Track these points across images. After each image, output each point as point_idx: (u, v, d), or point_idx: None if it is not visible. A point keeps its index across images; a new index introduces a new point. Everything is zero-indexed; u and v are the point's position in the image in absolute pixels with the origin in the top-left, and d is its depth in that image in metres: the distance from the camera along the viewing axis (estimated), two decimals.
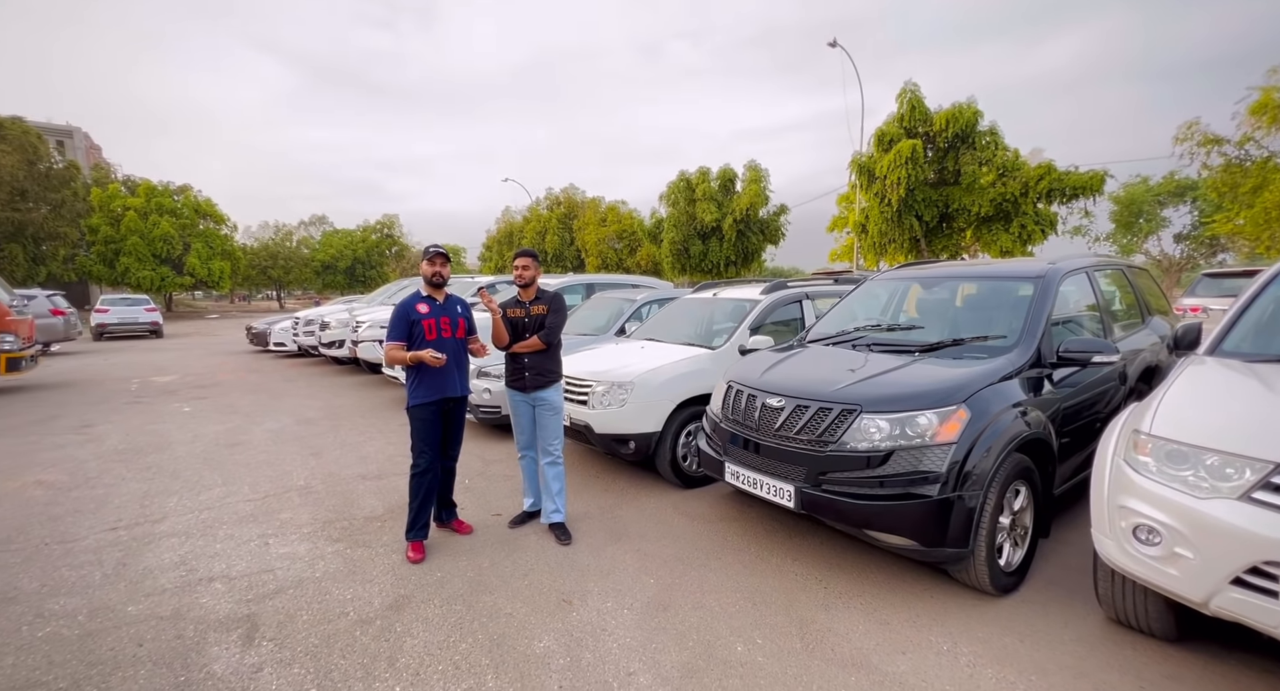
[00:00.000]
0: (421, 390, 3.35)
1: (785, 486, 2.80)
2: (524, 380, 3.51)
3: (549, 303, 3.52)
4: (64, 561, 3.22)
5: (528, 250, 3.57)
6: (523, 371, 3.51)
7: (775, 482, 2.86)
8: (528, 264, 3.51)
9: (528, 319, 3.51)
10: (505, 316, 3.53)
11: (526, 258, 3.53)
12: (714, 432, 3.45)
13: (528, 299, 3.55)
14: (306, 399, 8.10)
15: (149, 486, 4.52)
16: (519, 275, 3.52)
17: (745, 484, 3.05)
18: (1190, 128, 13.89)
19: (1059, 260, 3.47)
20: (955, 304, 3.74)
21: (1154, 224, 47.02)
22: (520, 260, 3.52)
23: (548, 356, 3.51)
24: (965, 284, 3.78)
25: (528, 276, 3.52)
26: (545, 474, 3.53)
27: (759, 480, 2.95)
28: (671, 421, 4.14)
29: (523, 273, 3.51)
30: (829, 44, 18.23)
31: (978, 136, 16.40)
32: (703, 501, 4.05)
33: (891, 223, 17.32)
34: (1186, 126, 13.92)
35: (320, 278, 46.43)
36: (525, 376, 3.50)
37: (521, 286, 3.54)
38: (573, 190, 33.99)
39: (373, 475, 4.79)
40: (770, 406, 2.99)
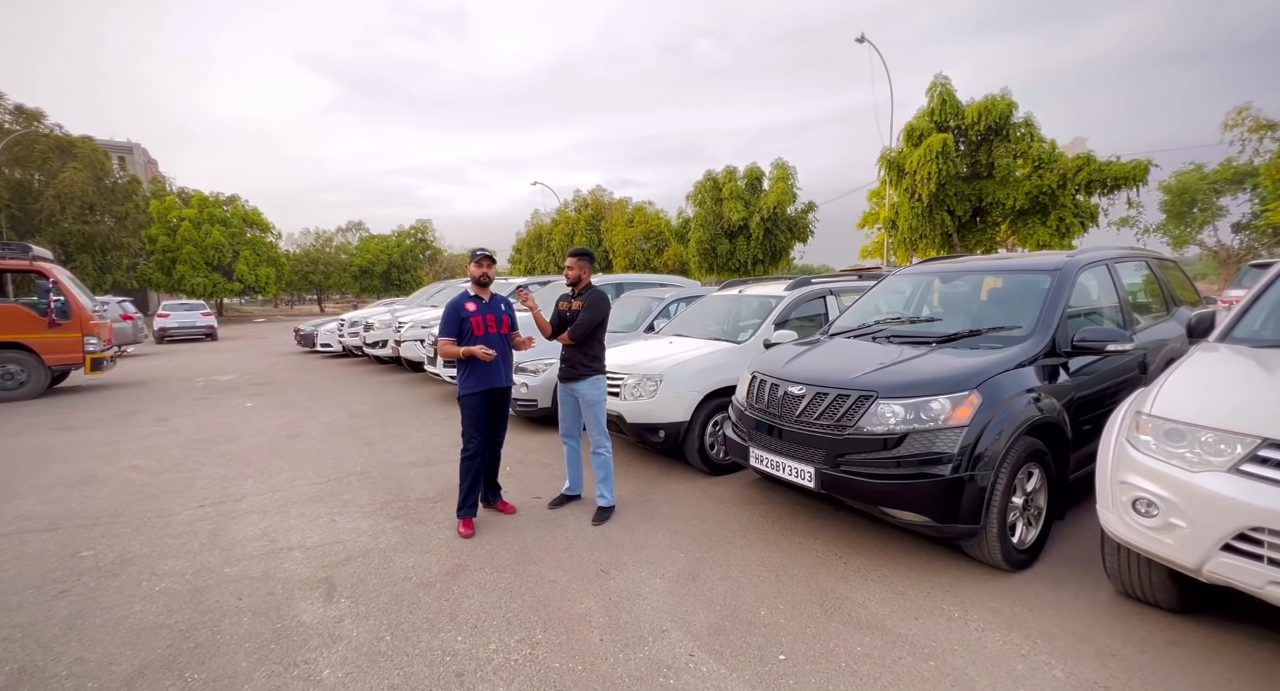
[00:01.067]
0: (471, 381, 3.68)
1: (806, 468, 3.01)
2: (563, 371, 3.80)
3: (586, 300, 3.78)
4: (165, 532, 3.66)
5: (577, 250, 3.79)
6: (563, 362, 3.81)
7: (797, 465, 3.07)
8: (572, 264, 3.77)
9: (569, 314, 3.79)
10: (556, 309, 3.85)
11: (572, 257, 3.77)
12: (739, 421, 3.68)
13: (575, 295, 3.83)
14: (355, 395, 8.62)
15: (226, 471, 4.99)
16: (566, 274, 3.80)
17: (769, 467, 3.26)
18: (1240, 113, 13.35)
19: (1079, 253, 3.57)
20: (976, 297, 3.86)
21: (1209, 213, 44.73)
22: (567, 260, 3.79)
23: (580, 350, 3.74)
24: (985, 277, 3.91)
25: (571, 276, 3.79)
26: (593, 462, 3.79)
27: (781, 463, 3.16)
28: (699, 411, 4.38)
29: (568, 272, 3.79)
30: (857, 39, 18.12)
31: (1012, 128, 16.07)
32: (729, 487, 4.27)
33: (922, 218, 17.11)
34: (1236, 112, 13.40)
35: (358, 282, 48.15)
36: (564, 367, 3.80)
37: (570, 284, 3.82)
38: (600, 192, 34.47)
39: (422, 462, 5.17)
40: (792, 394, 3.20)
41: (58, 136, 26.94)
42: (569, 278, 3.77)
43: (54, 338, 8.49)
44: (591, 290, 3.78)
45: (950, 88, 16.47)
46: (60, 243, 26.90)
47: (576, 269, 3.76)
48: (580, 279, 3.76)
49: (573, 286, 3.79)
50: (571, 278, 3.77)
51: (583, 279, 3.77)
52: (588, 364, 3.75)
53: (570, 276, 3.77)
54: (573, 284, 3.78)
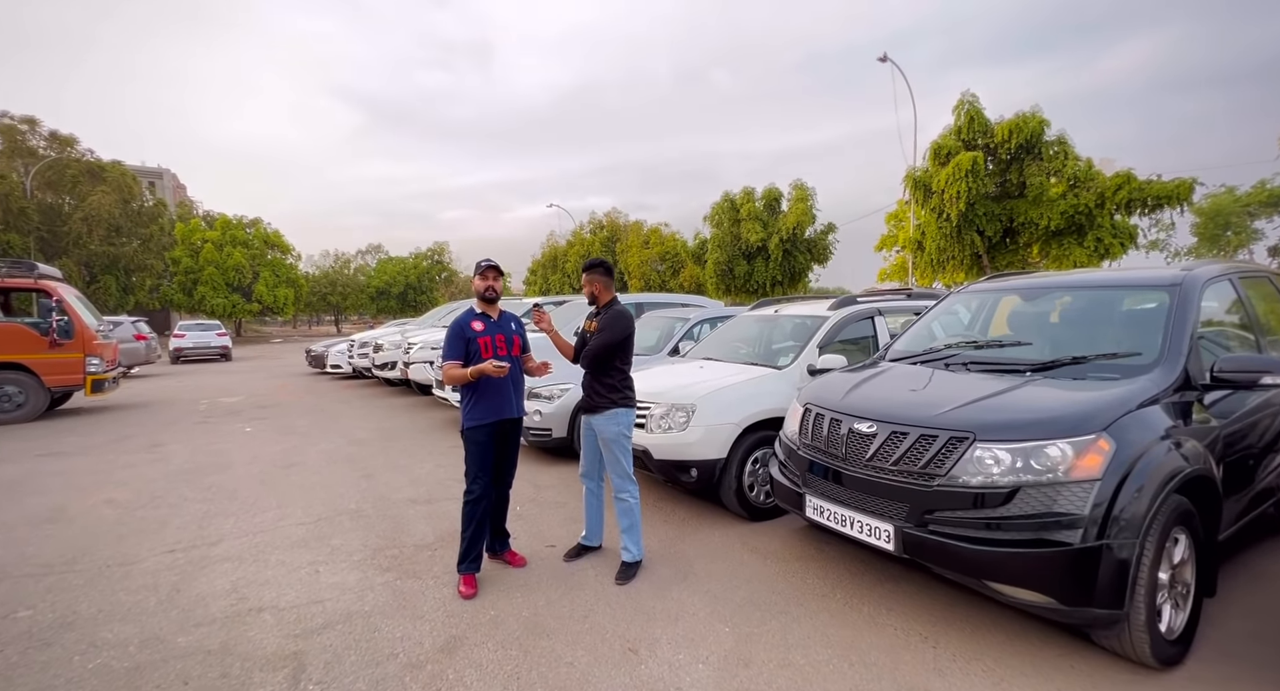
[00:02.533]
0: (477, 411, 3.18)
1: (882, 526, 2.44)
2: (586, 398, 3.30)
3: (602, 319, 3.26)
4: (122, 585, 3.17)
5: (593, 262, 3.31)
6: (583, 390, 3.31)
7: (869, 520, 2.50)
8: (590, 279, 3.29)
9: (590, 335, 3.30)
10: (581, 330, 3.38)
11: (586, 272, 3.31)
12: (789, 460, 3.12)
13: (596, 313, 3.33)
14: (360, 420, 8.17)
15: (208, 507, 4.51)
16: (587, 293, 3.32)
17: (830, 520, 2.70)
18: None
19: (1194, 266, 3.01)
20: (1070, 318, 3.30)
21: (1244, 236, 43.57)
22: (584, 276, 3.32)
23: (596, 378, 3.22)
24: (1074, 294, 3.34)
25: (587, 293, 3.32)
26: (617, 509, 3.25)
27: (848, 517, 2.60)
28: (737, 447, 3.83)
29: (590, 290, 3.30)
30: (879, 59, 17.87)
31: (1044, 146, 15.56)
32: (773, 536, 3.68)
33: (950, 238, 16.53)
34: None
35: (375, 303, 48.49)
36: (585, 397, 3.30)
37: (590, 302, 3.34)
38: (615, 214, 34.44)
39: (423, 499, 4.66)
40: (860, 432, 2.65)
41: (88, 161, 27.65)
42: (587, 295, 3.31)
43: (55, 358, 8.21)
44: (611, 308, 3.27)
45: (978, 105, 16.05)
46: (86, 264, 27.37)
47: (593, 284, 3.27)
48: (598, 296, 3.28)
49: (593, 303, 3.31)
50: (587, 295, 3.31)
51: (601, 296, 3.28)
52: (604, 394, 3.21)
53: (586, 293, 3.30)
54: (592, 301, 3.30)
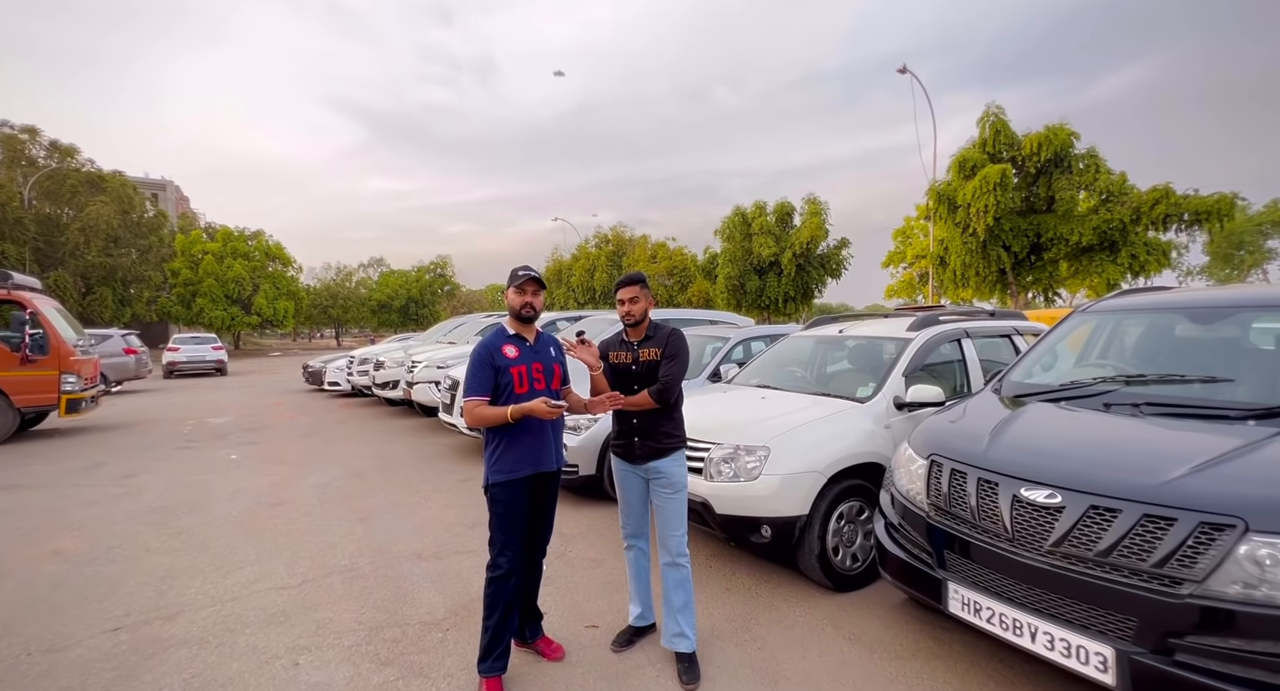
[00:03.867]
0: (507, 462, 2.47)
1: (1092, 646, 1.72)
2: (632, 446, 2.58)
3: (664, 344, 2.59)
4: (38, 684, 2.43)
5: (635, 276, 2.65)
6: (631, 435, 2.59)
7: (1066, 634, 1.78)
8: (635, 295, 2.59)
9: (635, 366, 2.60)
10: (607, 363, 2.67)
11: (633, 286, 2.60)
12: (911, 529, 2.40)
13: (636, 339, 2.65)
14: (357, 446, 7.44)
15: (173, 561, 3.78)
16: (626, 311, 2.61)
17: (994, 624, 1.97)
18: None
19: None
20: (1255, 344, 2.61)
21: (1258, 255, 43.13)
22: (625, 291, 2.60)
23: (664, 415, 2.58)
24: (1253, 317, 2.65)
25: (637, 312, 2.60)
26: (665, 579, 2.55)
27: (1025, 623, 1.87)
28: (820, 501, 3.10)
29: (630, 307, 2.59)
30: (899, 71, 17.45)
31: (1074, 159, 15.03)
32: (870, 617, 2.94)
33: (976, 254, 15.93)
34: None
35: (376, 316, 47.95)
36: (634, 441, 2.58)
37: (630, 325, 2.66)
38: (621, 228, 34.04)
39: (429, 553, 3.91)
40: (1033, 503, 1.94)
41: (88, 172, 27.26)
42: (634, 315, 2.59)
43: (26, 376, 7.52)
44: (664, 329, 2.66)
45: (1004, 118, 15.58)
46: (83, 275, 26.82)
47: (645, 300, 2.60)
48: (644, 316, 2.62)
49: (634, 325, 2.62)
50: (636, 314, 2.60)
51: (646, 316, 2.63)
52: (674, 432, 2.58)
53: (633, 313, 2.59)
54: (635, 323, 2.62)
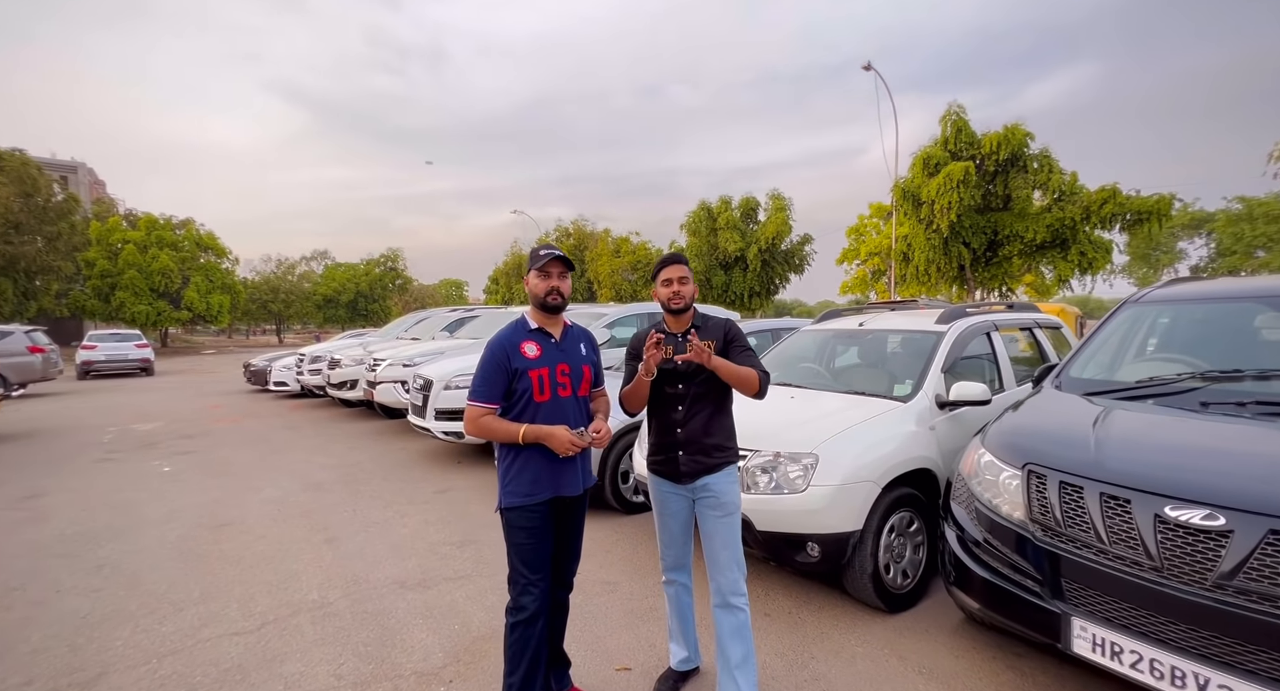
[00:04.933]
0: (523, 483, 2.01)
1: None
2: (676, 461, 2.15)
3: (724, 333, 2.18)
4: None
5: (679, 255, 2.23)
6: (674, 447, 2.15)
7: (1245, 687, 1.49)
8: (685, 274, 2.16)
9: (679, 362, 2.16)
10: (631, 358, 2.26)
11: (681, 264, 2.17)
12: (1008, 549, 2.09)
13: (680, 329, 2.21)
14: (314, 453, 6.69)
15: (93, 605, 3.10)
16: (674, 292, 2.14)
17: (1142, 671, 1.67)
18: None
19: None
20: None
21: (1171, 256, 46.74)
22: (672, 269, 2.15)
23: (717, 420, 2.17)
24: None
25: (688, 294, 2.15)
26: (717, 626, 2.11)
27: (1190, 672, 1.57)
28: (874, 513, 2.78)
29: (679, 288, 2.13)
30: (863, 67, 17.58)
31: (1029, 159, 15.52)
32: (932, 642, 2.64)
33: (938, 250, 16.27)
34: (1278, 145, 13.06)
35: (322, 312, 45.40)
36: (678, 455, 2.14)
37: (674, 311, 2.19)
38: (582, 221, 33.34)
39: (414, 581, 3.38)
40: (1184, 525, 1.65)
41: None
42: (684, 298, 2.14)
43: None
44: (714, 317, 2.28)
45: (965, 117, 15.92)
46: None
47: (690, 282, 2.17)
48: (692, 301, 2.19)
49: (680, 311, 2.17)
50: (687, 296, 2.15)
51: (694, 302, 2.22)
52: (725, 442, 2.17)
53: (683, 295, 2.14)
54: (682, 308, 2.17)
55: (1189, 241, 46.98)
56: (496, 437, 2.01)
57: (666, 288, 2.16)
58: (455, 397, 5.60)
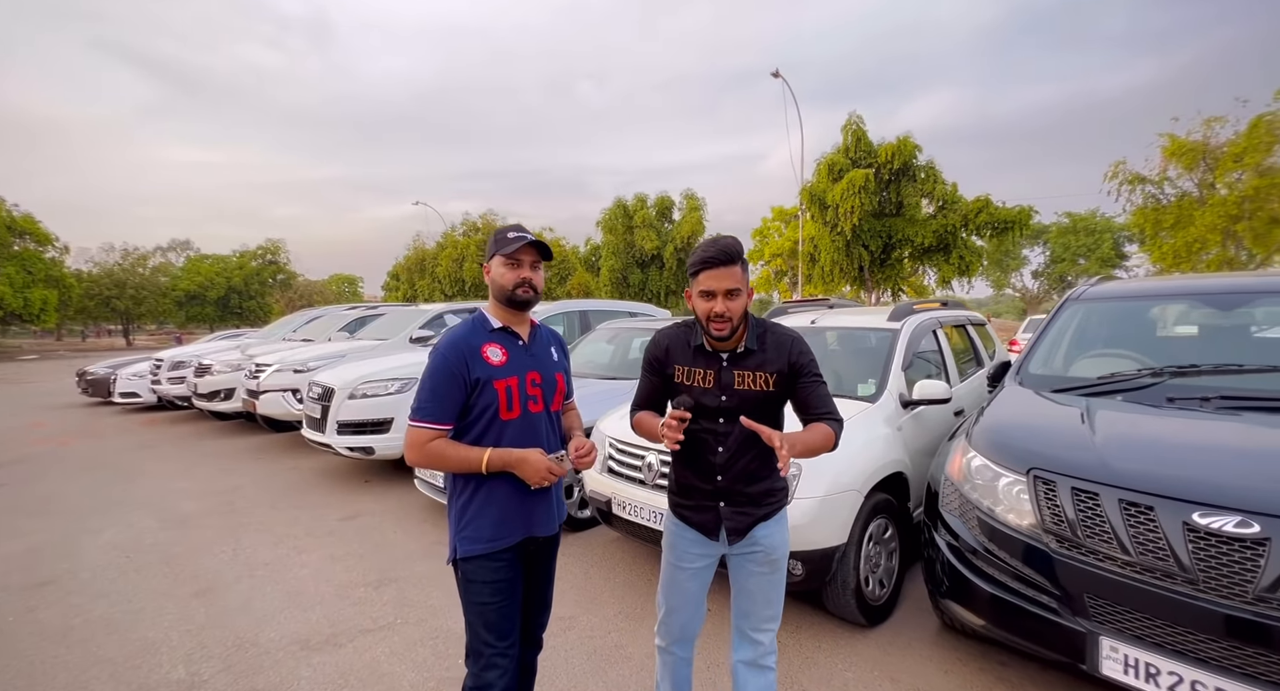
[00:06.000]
0: (485, 525, 1.57)
1: None
2: (715, 513, 1.64)
3: (778, 362, 1.59)
4: None
5: (731, 247, 1.53)
6: (711, 497, 1.64)
7: None
8: (736, 285, 1.52)
9: (726, 397, 1.59)
10: (668, 379, 1.68)
11: (733, 266, 1.52)
12: (1018, 562, 1.96)
13: (726, 350, 1.62)
14: (176, 479, 5.55)
15: None
16: (718, 312, 1.52)
17: None
18: (1117, 167, 15.09)
19: None
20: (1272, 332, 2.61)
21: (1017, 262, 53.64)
22: (716, 274, 1.51)
23: (768, 460, 1.61)
24: None
25: (736, 314, 1.53)
26: (744, 687, 1.72)
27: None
28: (858, 524, 2.61)
29: (727, 305, 1.51)
30: (772, 74, 18.19)
31: (917, 170, 16.86)
32: (918, 658, 2.51)
33: (842, 252, 17.24)
34: (1114, 166, 15.12)
35: (184, 310, 39.86)
36: (718, 508, 1.63)
37: (716, 317, 1.53)
38: (492, 216, 31.90)
39: (321, 638, 2.75)
40: (1216, 533, 1.58)
41: None
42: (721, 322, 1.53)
43: None
44: (774, 332, 1.65)
45: (863, 127, 16.97)
46: None
47: (742, 293, 1.55)
48: (742, 320, 1.59)
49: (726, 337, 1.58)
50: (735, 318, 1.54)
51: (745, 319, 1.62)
52: (775, 485, 1.67)
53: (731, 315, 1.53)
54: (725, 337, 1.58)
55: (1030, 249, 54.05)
56: (449, 467, 1.55)
57: (706, 301, 1.52)
58: (361, 408, 4.86)
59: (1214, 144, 14.54)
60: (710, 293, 1.52)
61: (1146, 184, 14.92)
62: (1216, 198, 14.27)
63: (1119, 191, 15.38)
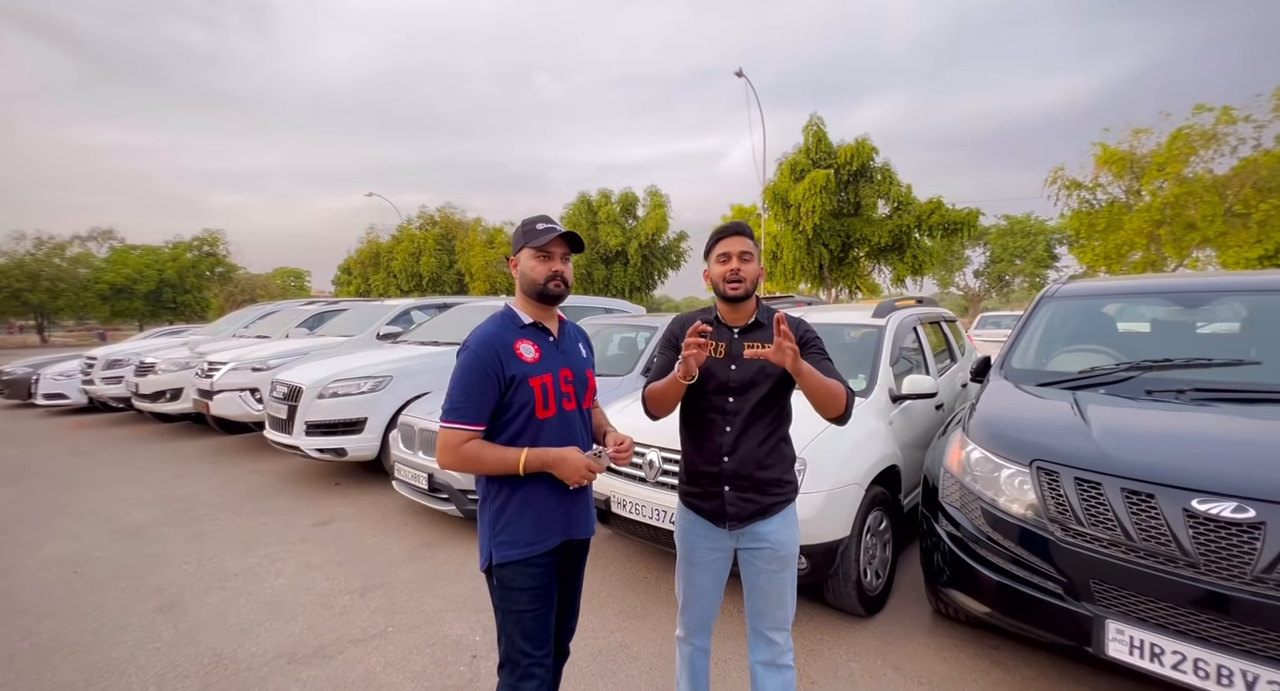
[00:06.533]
0: (523, 528, 1.52)
1: None
2: (720, 498, 1.66)
3: (796, 326, 1.62)
4: None
5: (742, 225, 1.67)
6: (717, 481, 1.66)
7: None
8: (748, 248, 1.63)
9: (735, 366, 1.63)
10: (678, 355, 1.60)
11: (743, 236, 1.64)
12: (1023, 550, 2.05)
13: (738, 323, 1.70)
14: (122, 486, 5.15)
15: None
16: (731, 270, 1.61)
17: (1185, 672, 1.67)
18: (1057, 173, 16.02)
19: None
20: (1229, 328, 2.81)
21: (960, 262, 56.41)
22: (732, 242, 1.62)
23: (777, 446, 1.68)
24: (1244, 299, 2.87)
25: (750, 277, 1.63)
26: (762, 687, 1.73)
27: (1239, 670, 1.60)
28: (861, 517, 2.67)
29: (741, 266, 1.61)
30: (735, 74, 18.39)
31: (874, 171, 17.41)
32: (917, 646, 2.59)
33: (803, 250, 17.63)
34: (1054, 171, 16.05)
35: (108, 304, 37.00)
36: (723, 492, 1.65)
37: (731, 298, 1.65)
38: (450, 209, 31.00)
39: (308, 651, 2.61)
40: (1214, 518, 1.69)
41: None
42: (739, 278, 1.62)
43: None
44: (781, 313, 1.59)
45: (824, 128, 17.37)
46: None
47: (754, 259, 1.64)
48: (755, 287, 1.67)
49: (739, 299, 1.65)
50: (749, 280, 1.63)
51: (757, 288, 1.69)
52: (784, 476, 1.69)
53: (745, 276, 1.63)
54: (741, 296, 1.65)
55: (972, 250, 56.85)
56: (485, 470, 1.50)
57: (723, 264, 1.62)
58: (332, 407, 4.63)
59: (1140, 154, 15.68)
60: (727, 255, 1.64)
61: (1082, 189, 15.98)
62: (1142, 204, 15.42)
63: (1058, 196, 16.42)
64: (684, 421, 1.75)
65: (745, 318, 1.69)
